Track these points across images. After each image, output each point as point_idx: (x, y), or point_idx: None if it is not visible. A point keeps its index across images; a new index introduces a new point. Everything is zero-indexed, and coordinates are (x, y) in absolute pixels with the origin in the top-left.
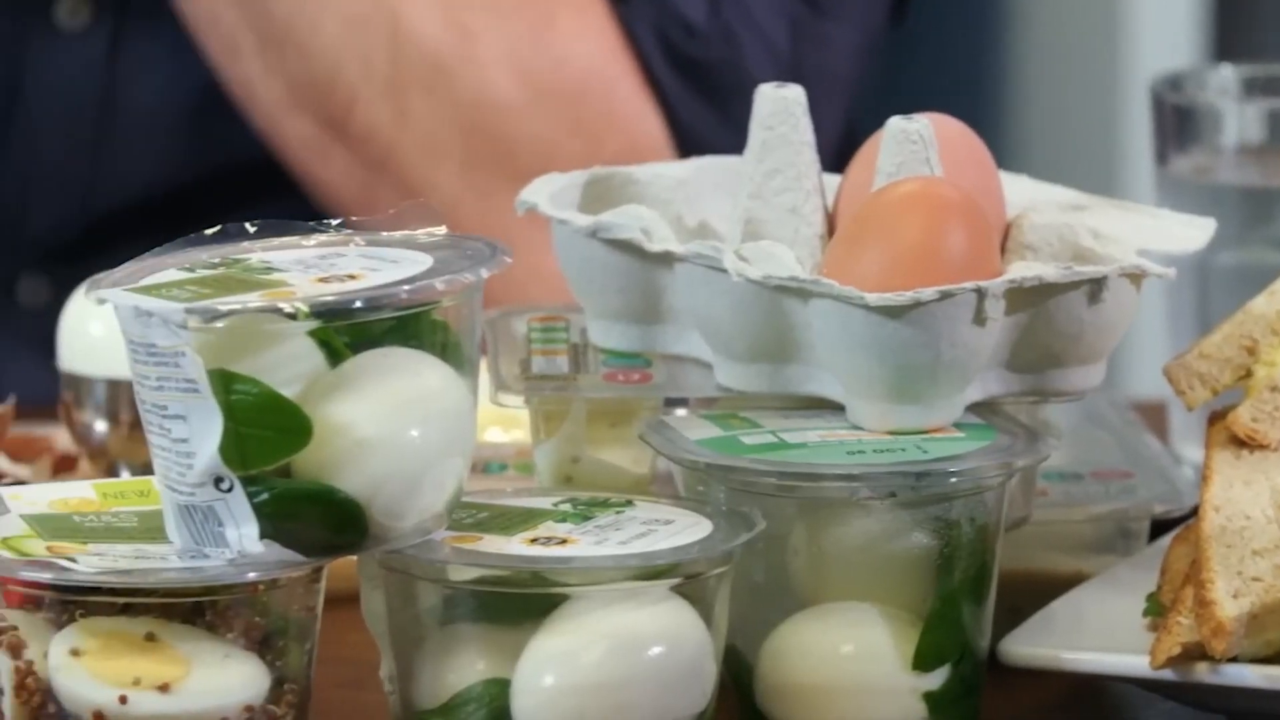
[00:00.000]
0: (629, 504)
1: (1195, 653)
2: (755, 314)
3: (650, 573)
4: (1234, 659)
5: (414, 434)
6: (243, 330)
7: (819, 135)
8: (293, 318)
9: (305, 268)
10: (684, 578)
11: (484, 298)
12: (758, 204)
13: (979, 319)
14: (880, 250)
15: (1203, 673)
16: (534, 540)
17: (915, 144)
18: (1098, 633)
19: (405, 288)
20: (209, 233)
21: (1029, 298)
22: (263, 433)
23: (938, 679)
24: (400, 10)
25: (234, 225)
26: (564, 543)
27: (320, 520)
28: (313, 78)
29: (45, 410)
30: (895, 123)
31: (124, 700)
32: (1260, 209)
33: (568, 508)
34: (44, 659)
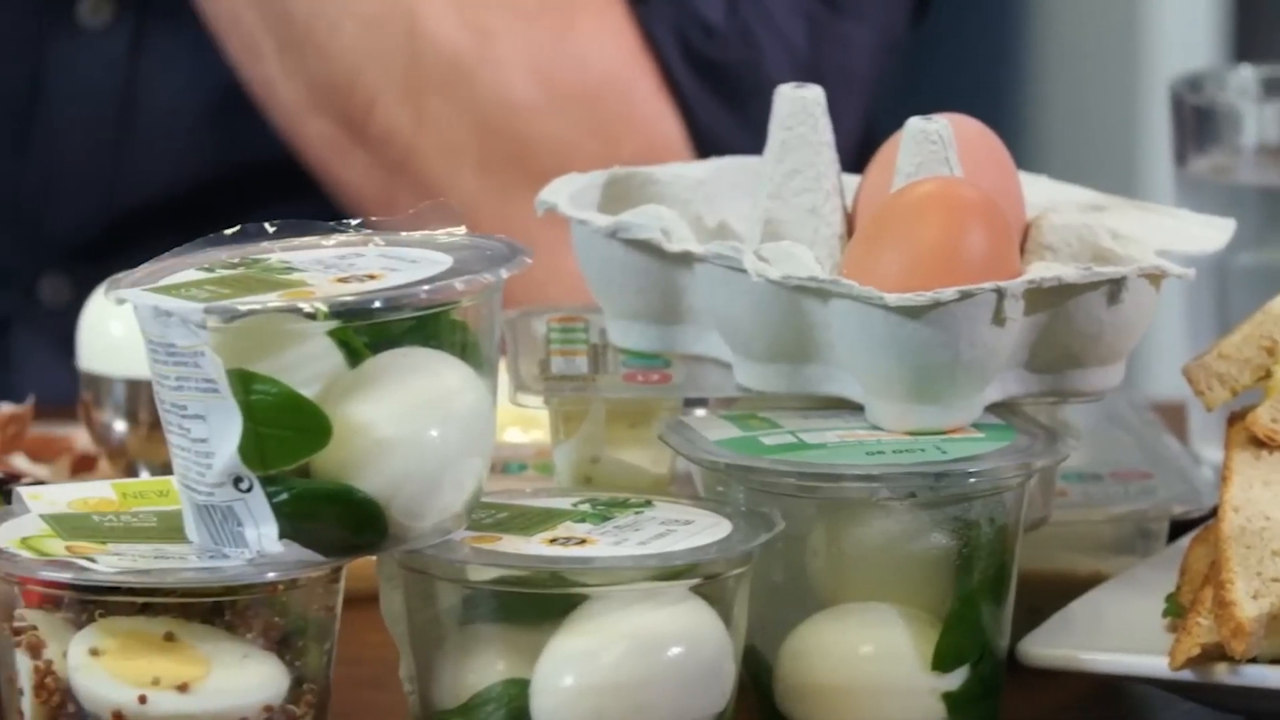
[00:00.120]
0: (648, 504)
1: (1215, 653)
2: (774, 314)
3: (669, 573)
4: (1253, 660)
5: (433, 434)
6: (262, 330)
7: (838, 136)
8: (312, 318)
9: (324, 268)
10: (703, 578)
11: (503, 298)
12: (777, 204)
13: (998, 319)
14: (899, 250)
15: (1222, 674)
16: (553, 540)
17: (934, 144)
18: (1117, 633)
19: (425, 288)
20: (228, 233)
21: (1048, 298)
22: (282, 433)
23: (957, 679)
24: (418, 11)
25: (253, 225)
26: (583, 543)
27: (339, 520)
28: (332, 79)
29: (64, 410)
30: (914, 123)
31: (143, 700)
32: None
33: (587, 508)
34: (63, 659)
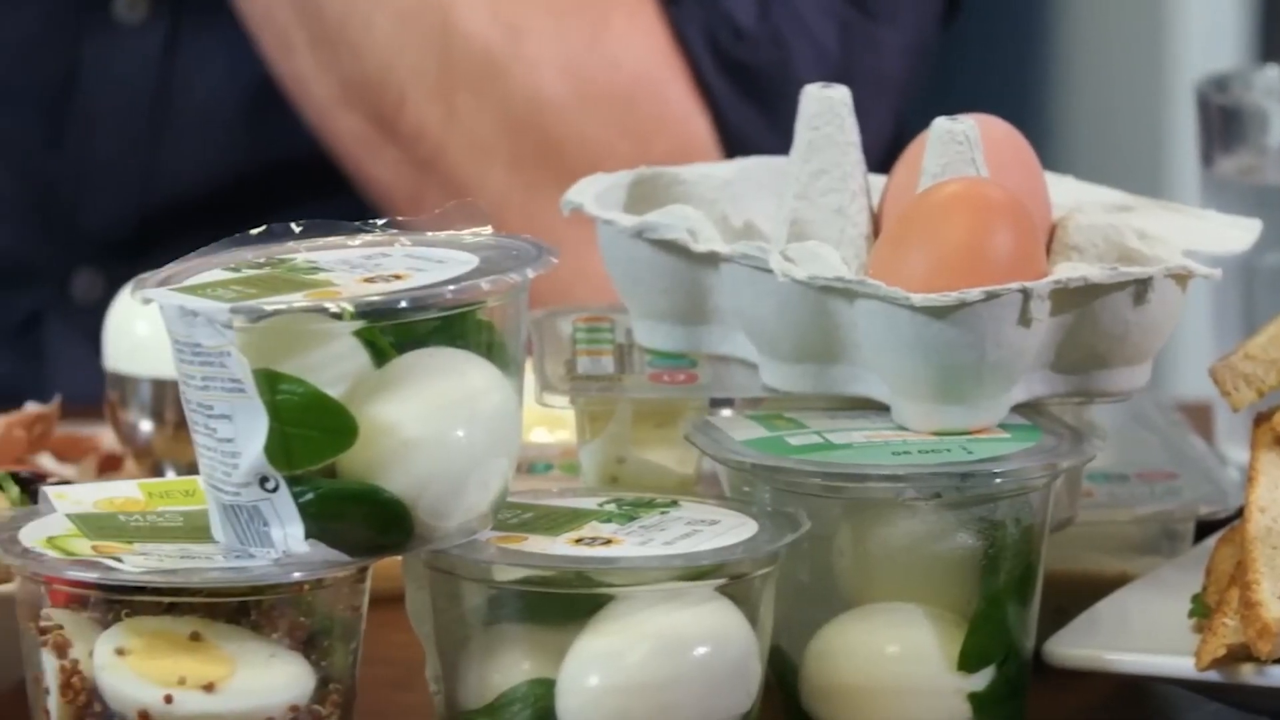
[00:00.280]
0: (674, 504)
1: (1240, 654)
2: (801, 314)
3: (695, 573)
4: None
5: (459, 434)
6: (288, 330)
7: (868, 137)
8: (338, 318)
9: (350, 268)
10: (729, 578)
11: (531, 298)
12: (803, 204)
13: (1024, 320)
14: (926, 251)
15: (1248, 674)
16: (579, 540)
17: (961, 144)
18: (1143, 634)
19: (450, 288)
20: (254, 232)
21: (1074, 298)
22: (308, 432)
23: (983, 680)
24: (451, 8)
25: (279, 225)
26: (609, 543)
27: (365, 520)
28: (364, 76)
29: (91, 409)
30: (940, 123)
31: (169, 699)
32: None
33: (613, 508)
34: (89, 658)
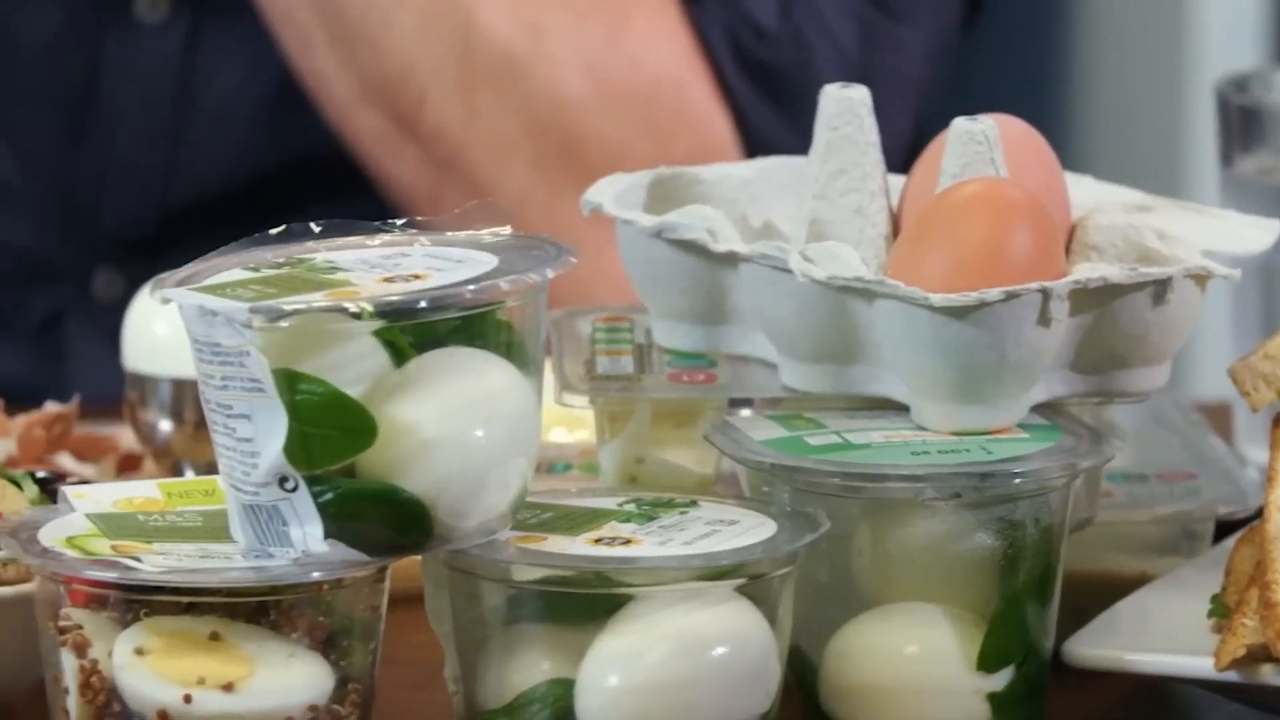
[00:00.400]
0: (693, 504)
1: (1260, 654)
2: (820, 314)
3: (714, 573)
4: None
5: (478, 434)
6: (307, 330)
7: (888, 139)
8: (357, 317)
9: (370, 267)
10: (748, 578)
11: (550, 298)
12: (823, 204)
13: (1044, 320)
14: (945, 251)
15: (1267, 674)
16: (598, 540)
17: (980, 145)
18: (1162, 634)
19: (470, 288)
20: (273, 232)
21: (1094, 298)
22: (327, 432)
23: (1002, 680)
24: (472, 7)
25: (299, 225)
26: (628, 543)
27: (385, 520)
28: (384, 74)
29: (110, 409)
30: (960, 123)
31: (188, 699)
32: None
33: (632, 508)
34: (109, 658)
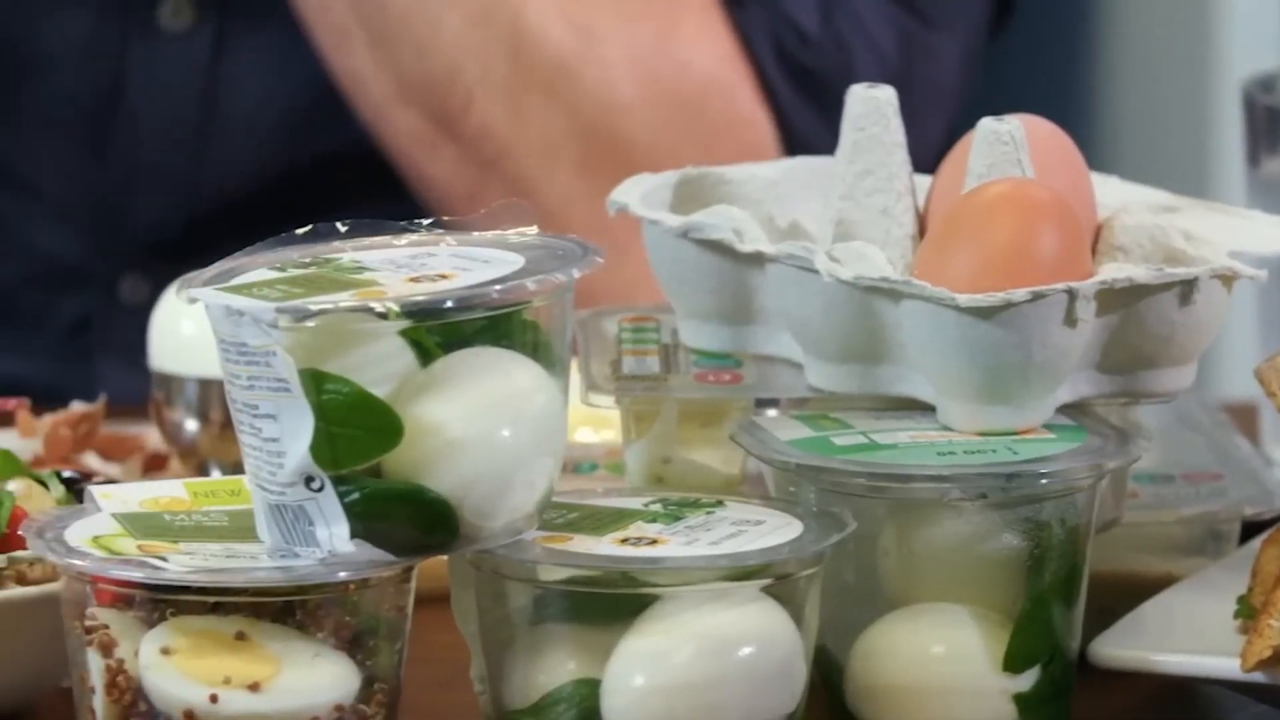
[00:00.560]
0: (720, 504)
1: None
2: (846, 315)
3: (741, 573)
4: None
5: (505, 434)
6: (334, 330)
7: (922, 144)
8: (384, 317)
9: (396, 267)
10: (774, 578)
11: (594, 299)
12: (849, 205)
13: (1070, 320)
14: (971, 251)
15: None
16: (624, 540)
17: (1006, 145)
18: (1188, 635)
19: (496, 287)
20: (300, 232)
21: (1120, 299)
22: (354, 432)
23: (1028, 680)
24: (523, 9)
25: (325, 225)
26: (654, 543)
27: (411, 520)
28: (429, 75)
29: (136, 409)
30: (986, 124)
31: (214, 699)
32: None
33: (658, 508)
34: (135, 657)
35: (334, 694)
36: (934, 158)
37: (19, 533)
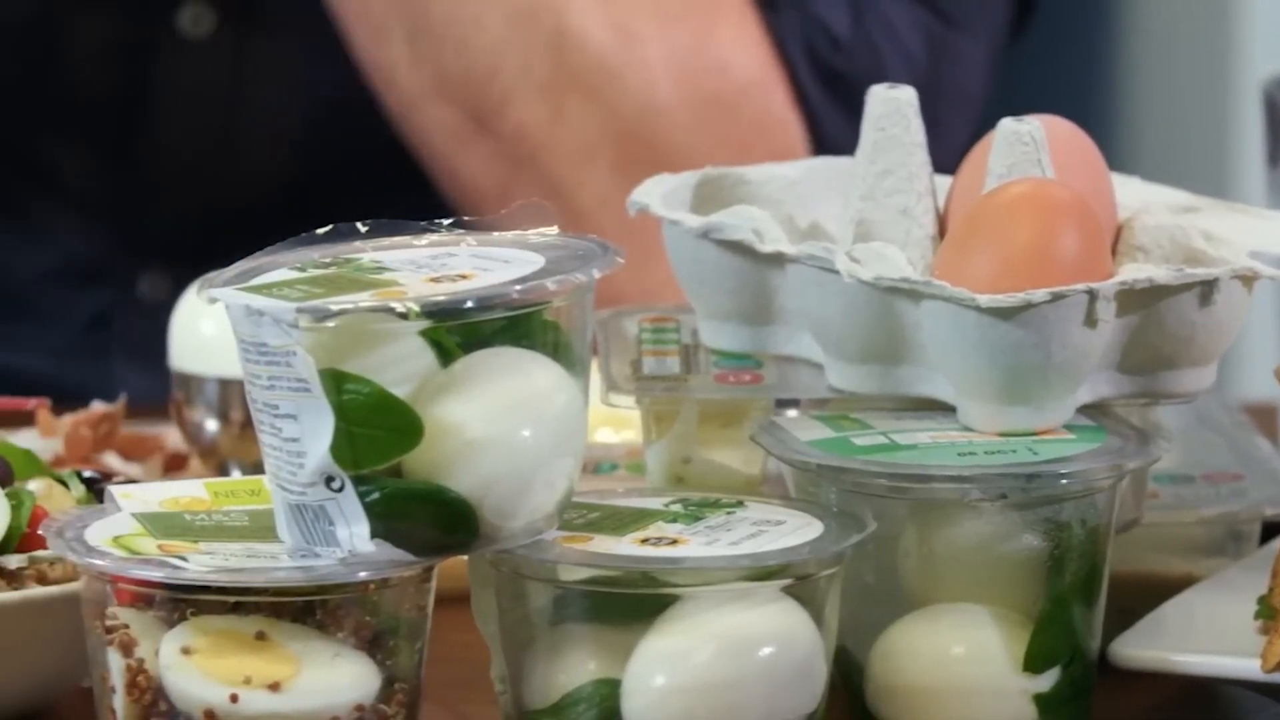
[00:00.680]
0: (740, 504)
1: None
2: (867, 315)
3: (761, 573)
4: None
5: (525, 434)
6: (354, 330)
7: (946, 148)
8: (404, 317)
9: (417, 267)
10: (795, 578)
11: (622, 299)
12: (869, 205)
13: (1090, 320)
14: (992, 252)
15: None
16: (645, 540)
17: (1027, 145)
18: (1208, 635)
19: (517, 287)
20: (320, 232)
21: (1140, 299)
22: (374, 432)
23: (1048, 681)
24: (565, 10)
25: (345, 225)
26: (675, 543)
27: (431, 520)
28: (468, 72)
29: (156, 409)
30: (1007, 124)
31: (235, 699)
32: None
33: (679, 508)
34: (155, 657)
35: (354, 694)
36: (957, 159)
37: (39, 532)
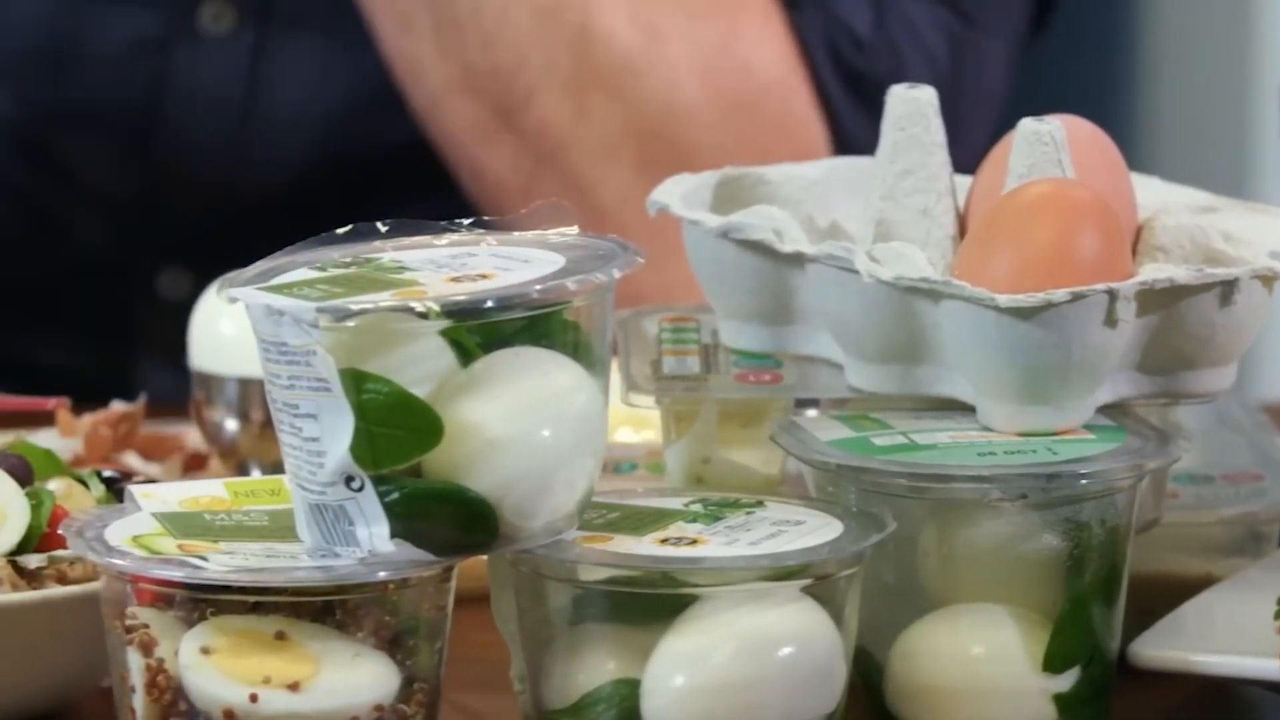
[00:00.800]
0: (759, 504)
1: None
2: (886, 315)
3: (781, 573)
4: None
5: (545, 434)
6: (374, 329)
7: (968, 148)
8: (424, 317)
9: (437, 267)
10: (814, 578)
11: (642, 297)
12: (889, 205)
13: (1110, 321)
14: (1012, 252)
15: None
16: (664, 540)
17: (1047, 145)
18: (1228, 635)
19: (537, 287)
20: (340, 232)
21: (1160, 299)
22: (394, 432)
23: (1068, 681)
24: (591, 7)
25: (365, 224)
26: (694, 543)
27: (451, 520)
28: (493, 66)
29: (176, 409)
30: (1027, 124)
31: (254, 698)
32: None
33: (698, 508)
34: (175, 657)
35: (374, 694)
36: (977, 159)
37: (59, 532)
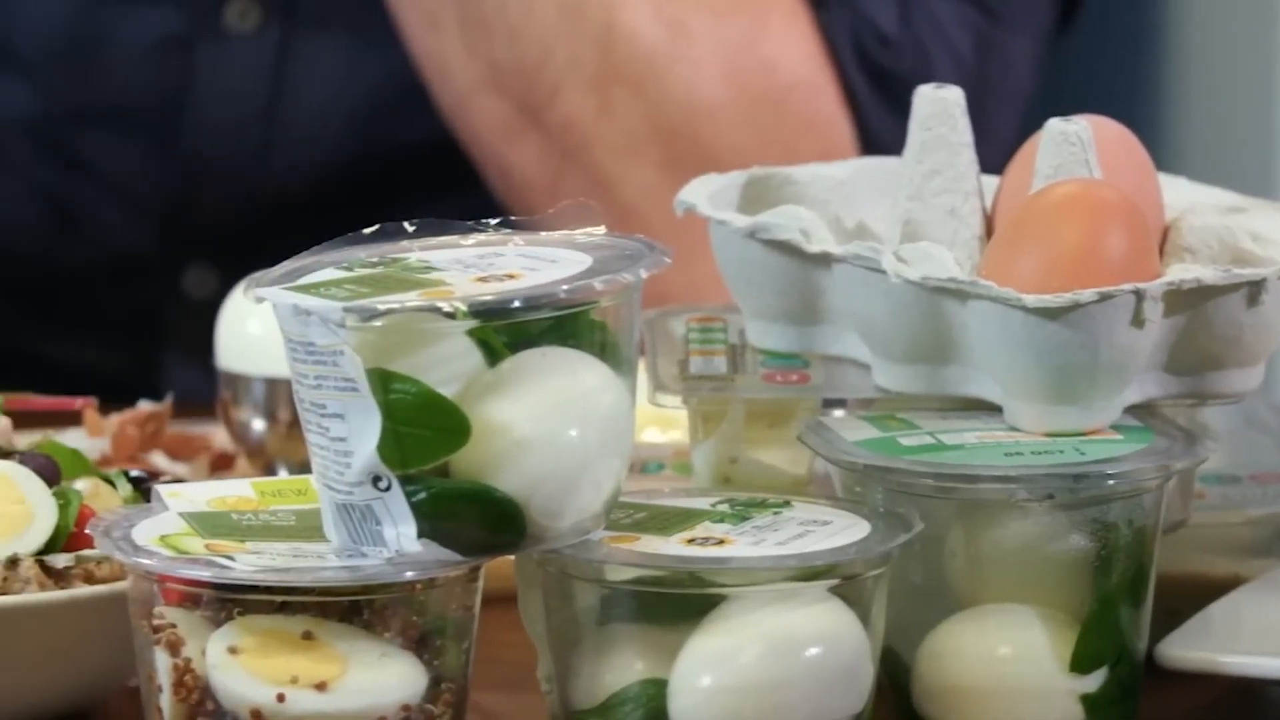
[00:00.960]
0: (787, 504)
1: None
2: (913, 315)
3: (808, 573)
4: None
5: (572, 434)
6: (401, 329)
7: (994, 145)
8: (451, 317)
9: (464, 267)
10: (841, 579)
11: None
12: (916, 205)
13: (1137, 321)
14: (1039, 252)
15: None
16: (691, 540)
17: (1074, 146)
18: (1256, 636)
19: (564, 287)
20: (367, 232)
21: (1187, 300)
22: (421, 432)
23: (1095, 681)
24: (617, 5)
25: (392, 224)
26: (721, 543)
27: (478, 520)
28: (518, 62)
29: (203, 408)
30: (1054, 124)
31: (281, 698)
32: None
33: (725, 508)
34: (202, 656)
35: (401, 694)
36: (1004, 158)
37: (87, 531)
